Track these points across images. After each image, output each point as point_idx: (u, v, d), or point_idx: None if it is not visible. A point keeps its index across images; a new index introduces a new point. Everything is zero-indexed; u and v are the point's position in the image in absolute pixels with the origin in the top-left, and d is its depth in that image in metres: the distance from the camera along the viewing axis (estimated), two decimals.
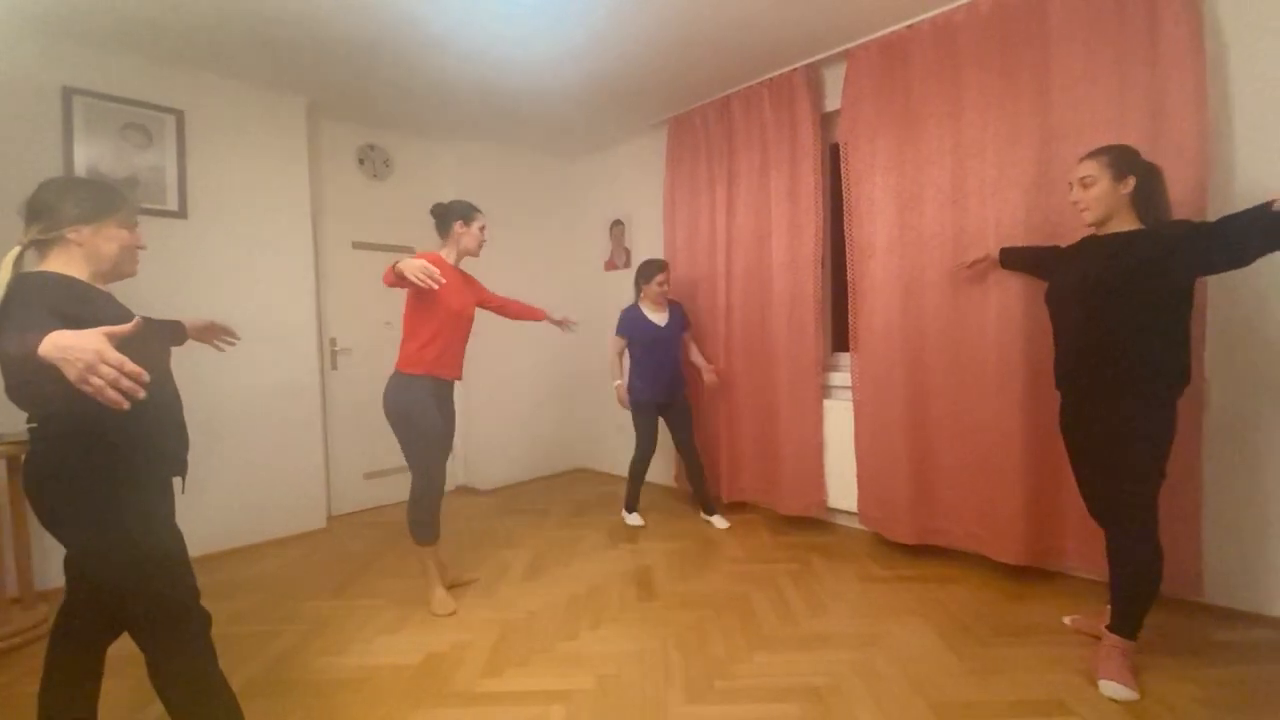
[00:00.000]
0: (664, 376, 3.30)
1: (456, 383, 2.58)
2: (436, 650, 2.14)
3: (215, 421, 3.08)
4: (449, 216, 2.52)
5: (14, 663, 2.14)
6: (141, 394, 1.01)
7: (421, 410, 2.37)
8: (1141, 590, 1.75)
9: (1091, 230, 1.89)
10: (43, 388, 1.17)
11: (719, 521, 3.35)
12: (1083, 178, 1.82)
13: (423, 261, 2.15)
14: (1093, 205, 1.81)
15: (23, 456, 1.29)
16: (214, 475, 3.09)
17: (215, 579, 2.79)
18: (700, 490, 3.43)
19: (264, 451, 3.32)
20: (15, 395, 1.20)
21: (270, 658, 2.11)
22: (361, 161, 3.96)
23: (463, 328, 2.50)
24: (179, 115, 3.06)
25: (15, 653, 2.19)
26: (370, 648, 2.17)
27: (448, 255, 2.52)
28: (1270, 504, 2.13)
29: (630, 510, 3.48)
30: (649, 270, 3.29)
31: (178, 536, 1.36)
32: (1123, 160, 1.78)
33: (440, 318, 2.39)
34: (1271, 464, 2.12)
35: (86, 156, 2.81)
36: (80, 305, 1.23)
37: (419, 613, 2.43)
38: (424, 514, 2.42)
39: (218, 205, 3.19)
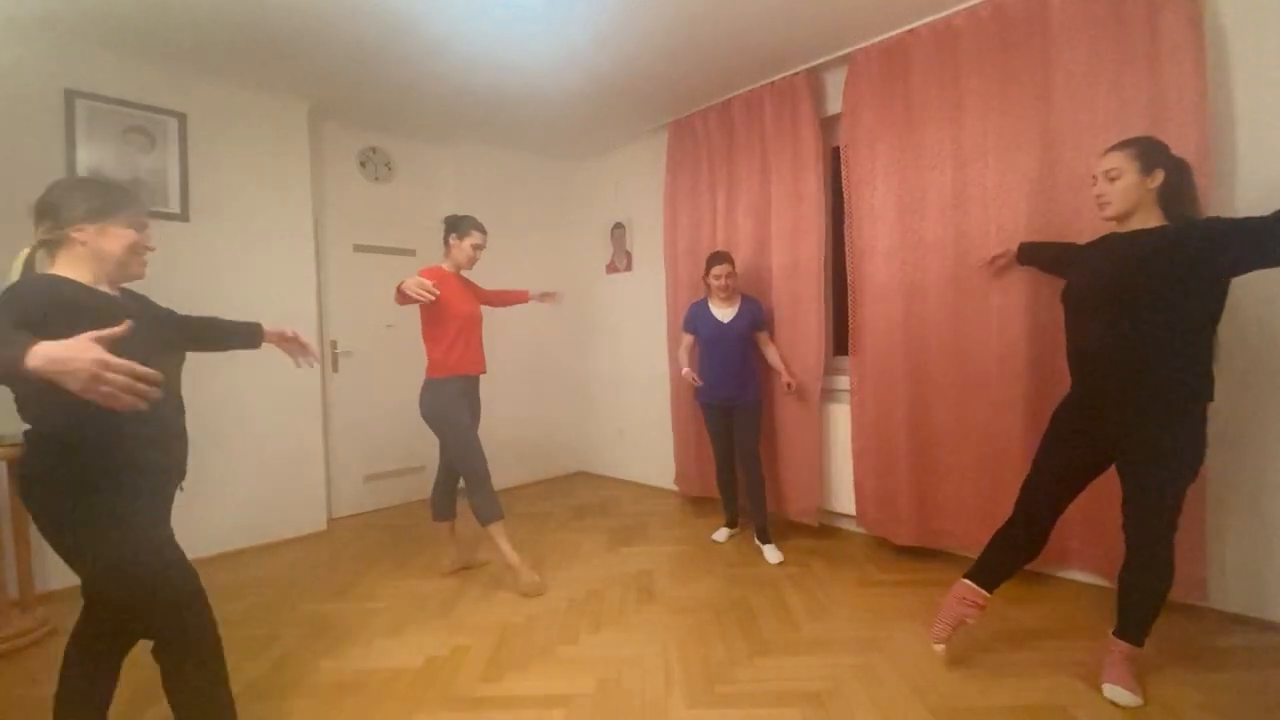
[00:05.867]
0: (723, 376, 3.03)
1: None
2: (436, 654, 2.13)
3: (216, 423, 3.08)
4: (447, 230, 2.73)
5: (14, 665, 2.14)
6: (157, 394, 0.98)
7: (454, 409, 2.63)
8: (1156, 598, 1.73)
9: (1113, 226, 1.80)
10: (35, 398, 1.17)
11: (771, 554, 2.91)
12: (1107, 170, 1.71)
13: (417, 277, 2.38)
14: (1116, 199, 1.71)
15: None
16: (214, 477, 3.09)
17: (215, 581, 2.76)
18: (756, 511, 3.02)
19: (264, 454, 3.32)
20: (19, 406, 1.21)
21: (270, 660, 2.11)
22: (363, 164, 3.97)
23: (476, 328, 2.74)
24: (181, 118, 3.08)
25: (16, 655, 2.20)
26: (370, 651, 2.17)
27: (448, 266, 2.74)
28: (1274, 508, 2.12)
29: (727, 524, 3.27)
30: (709, 262, 3.06)
31: (165, 543, 1.34)
32: (1151, 153, 1.68)
33: (455, 324, 2.63)
34: (1275, 467, 2.12)
35: (89, 159, 2.82)
36: (62, 310, 1.19)
37: (419, 616, 2.43)
38: (479, 496, 2.61)
39: (219, 208, 3.20)
